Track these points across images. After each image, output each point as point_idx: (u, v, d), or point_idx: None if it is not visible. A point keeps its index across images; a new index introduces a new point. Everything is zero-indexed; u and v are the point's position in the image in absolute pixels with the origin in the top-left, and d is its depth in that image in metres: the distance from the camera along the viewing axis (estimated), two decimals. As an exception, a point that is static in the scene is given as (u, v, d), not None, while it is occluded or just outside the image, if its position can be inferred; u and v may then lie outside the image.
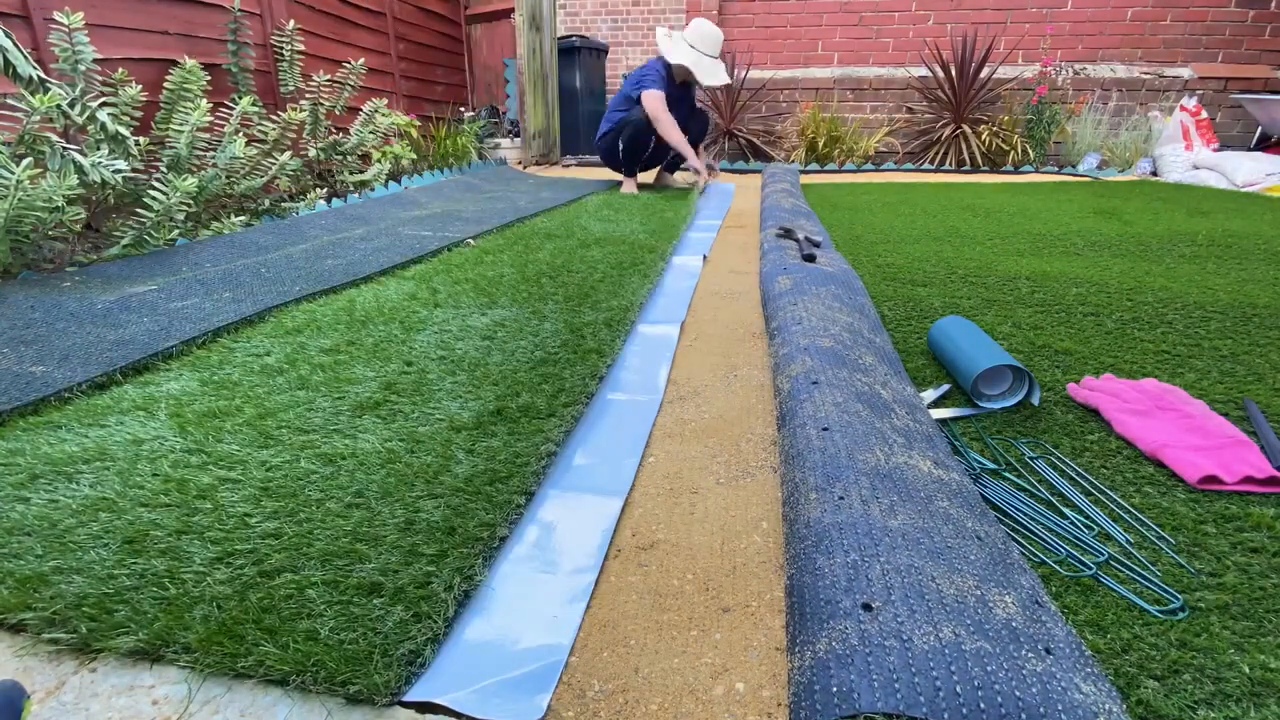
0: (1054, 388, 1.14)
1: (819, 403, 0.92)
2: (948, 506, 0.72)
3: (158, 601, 0.64)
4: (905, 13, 5.49)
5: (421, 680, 0.58)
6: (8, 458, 0.91)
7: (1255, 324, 1.45)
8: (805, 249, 1.94)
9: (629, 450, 0.99)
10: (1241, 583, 0.67)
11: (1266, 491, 0.83)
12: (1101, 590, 0.67)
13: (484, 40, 5.84)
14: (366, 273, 1.86)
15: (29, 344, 1.30)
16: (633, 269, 1.92)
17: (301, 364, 1.23)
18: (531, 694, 0.57)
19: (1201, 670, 0.56)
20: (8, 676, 0.59)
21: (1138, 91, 5.20)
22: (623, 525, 0.81)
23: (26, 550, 0.71)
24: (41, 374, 1.16)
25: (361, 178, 3.43)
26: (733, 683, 0.58)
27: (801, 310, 1.32)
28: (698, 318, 1.61)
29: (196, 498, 0.82)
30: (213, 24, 2.86)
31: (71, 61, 2.09)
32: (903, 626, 0.52)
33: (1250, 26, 5.09)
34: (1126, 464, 0.90)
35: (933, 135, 5.21)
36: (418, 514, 0.78)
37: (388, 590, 0.66)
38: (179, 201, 2.08)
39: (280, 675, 0.57)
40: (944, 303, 1.62)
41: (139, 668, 0.60)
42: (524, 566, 0.74)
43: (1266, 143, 4.74)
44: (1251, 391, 1.11)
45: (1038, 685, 0.48)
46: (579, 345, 1.33)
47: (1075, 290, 1.72)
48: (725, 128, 5.46)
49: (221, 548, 0.72)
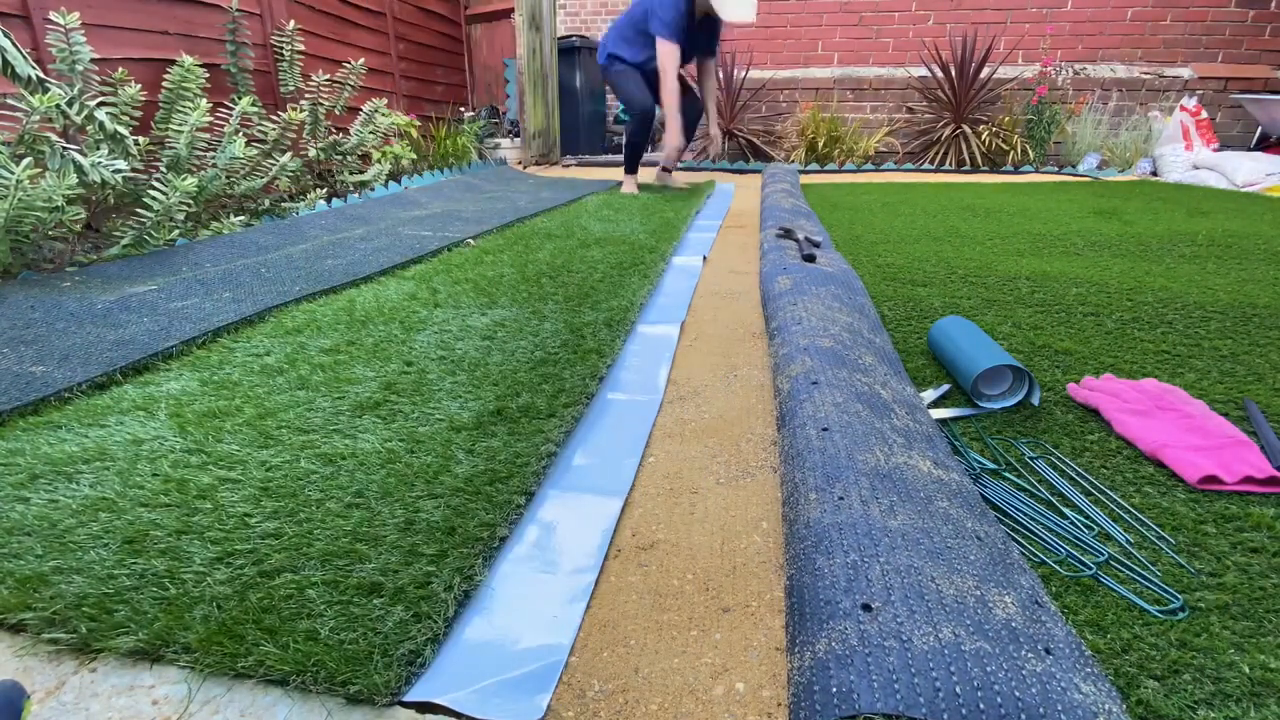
0: (1054, 388, 1.14)
1: (819, 403, 0.92)
2: (947, 507, 0.72)
3: (158, 601, 0.64)
4: (905, 13, 5.49)
5: (421, 680, 0.58)
6: (8, 458, 0.91)
7: (1255, 324, 1.45)
8: (805, 249, 1.94)
9: (629, 450, 0.99)
10: (1241, 583, 0.67)
11: (1266, 491, 0.83)
12: (1101, 590, 0.67)
13: (484, 40, 5.84)
14: (366, 273, 1.86)
15: (29, 344, 1.30)
16: (633, 269, 1.92)
17: (301, 364, 1.23)
18: (531, 694, 0.57)
19: (1201, 670, 0.56)
20: (8, 676, 0.59)
21: (1138, 91, 5.20)
22: (623, 525, 0.81)
23: (26, 550, 0.71)
24: (41, 374, 1.16)
25: (361, 178, 3.43)
26: (733, 683, 0.58)
27: (801, 310, 1.32)
28: (698, 318, 1.61)
29: (196, 498, 0.82)
30: (212, 24, 2.85)
31: (69, 61, 2.09)
32: (902, 627, 0.52)
33: (1250, 26, 5.09)
34: (1126, 464, 0.90)
35: (933, 135, 5.21)
36: (418, 514, 0.78)
37: (387, 590, 0.66)
38: (179, 201, 2.08)
39: (280, 675, 0.57)
40: (944, 303, 1.62)
41: (139, 668, 0.60)
42: (524, 566, 0.74)
43: (1266, 143, 4.73)
44: (1251, 391, 1.11)
45: (1037, 685, 0.48)
46: (579, 345, 1.32)
47: (1075, 290, 1.72)
48: (725, 128, 5.46)
49: (221, 548, 0.72)
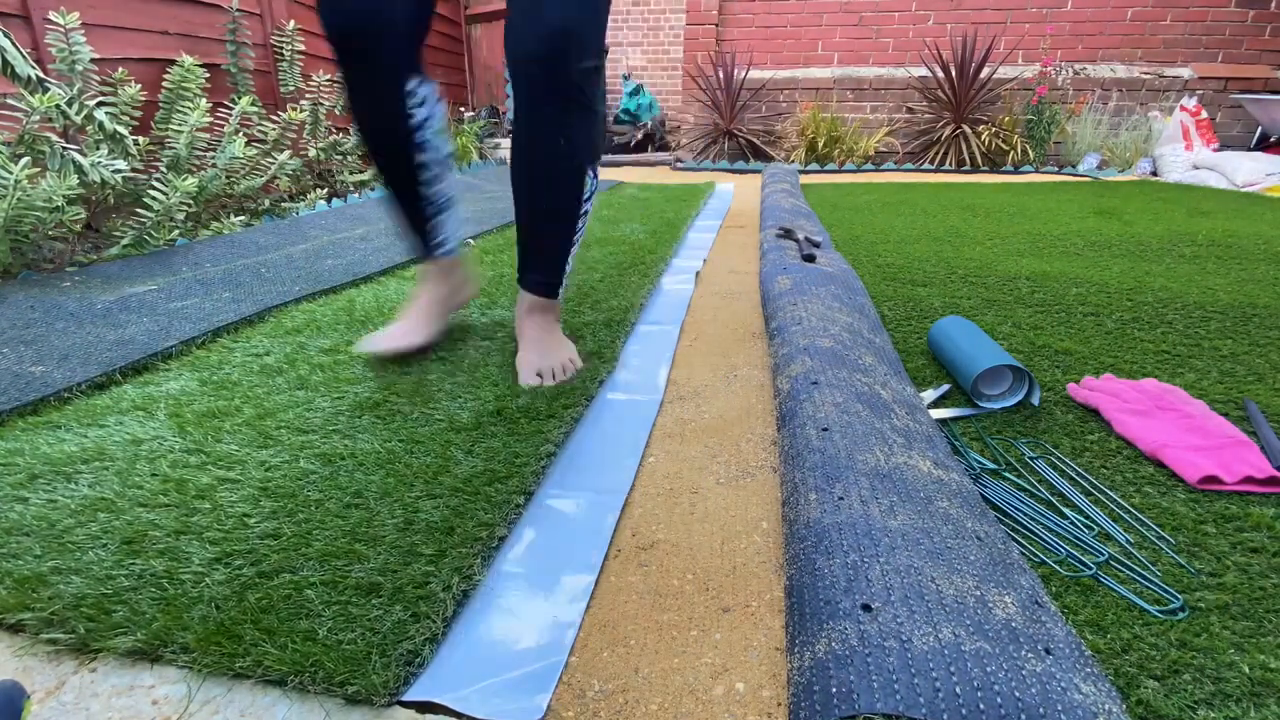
0: (1054, 388, 1.14)
1: (819, 403, 0.92)
2: (947, 507, 0.71)
3: (157, 602, 0.64)
4: (905, 13, 5.49)
5: (420, 680, 0.58)
6: (7, 458, 0.91)
7: (1255, 324, 1.45)
8: (805, 249, 1.94)
9: (629, 450, 0.98)
10: (1241, 583, 0.67)
11: (1266, 491, 0.83)
12: (1101, 590, 0.67)
13: (484, 40, 5.84)
14: (366, 272, 1.86)
15: (29, 344, 1.30)
16: (632, 269, 1.92)
17: (301, 364, 1.23)
18: (531, 694, 0.57)
19: (1201, 670, 0.56)
20: (7, 676, 0.59)
21: (1138, 91, 5.20)
22: (623, 525, 0.81)
23: (25, 550, 0.71)
24: (41, 374, 1.16)
25: (361, 178, 3.43)
26: (733, 683, 0.58)
27: (801, 310, 1.32)
28: (698, 318, 1.61)
29: (195, 498, 0.82)
30: (212, 24, 2.85)
31: (69, 61, 2.09)
32: (902, 627, 0.52)
33: (1250, 26, 5.09)
34: (1126, 464, 0.90)
35: (933, 135, 5.21)
36: (416, 514, 0.78)
37: (386, 590, 0.66)
38: (179, 201, 2.08)
39: (279, 675, 0.57)
40: (944, 303, 1.62)
41: (139, 668, 0.60)
42: (523, 566, 0.74)
43: (1266, 143, 4.73)
44: (1251, 391, 1.11)
45: (1037, 686, 0.48)
46: (578, 345, 1.32)
47: (1075, 290, 1.72)
48: (725, 128, 5.46)
49: (220, 548, 0.72)
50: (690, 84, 5.83)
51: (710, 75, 5.52)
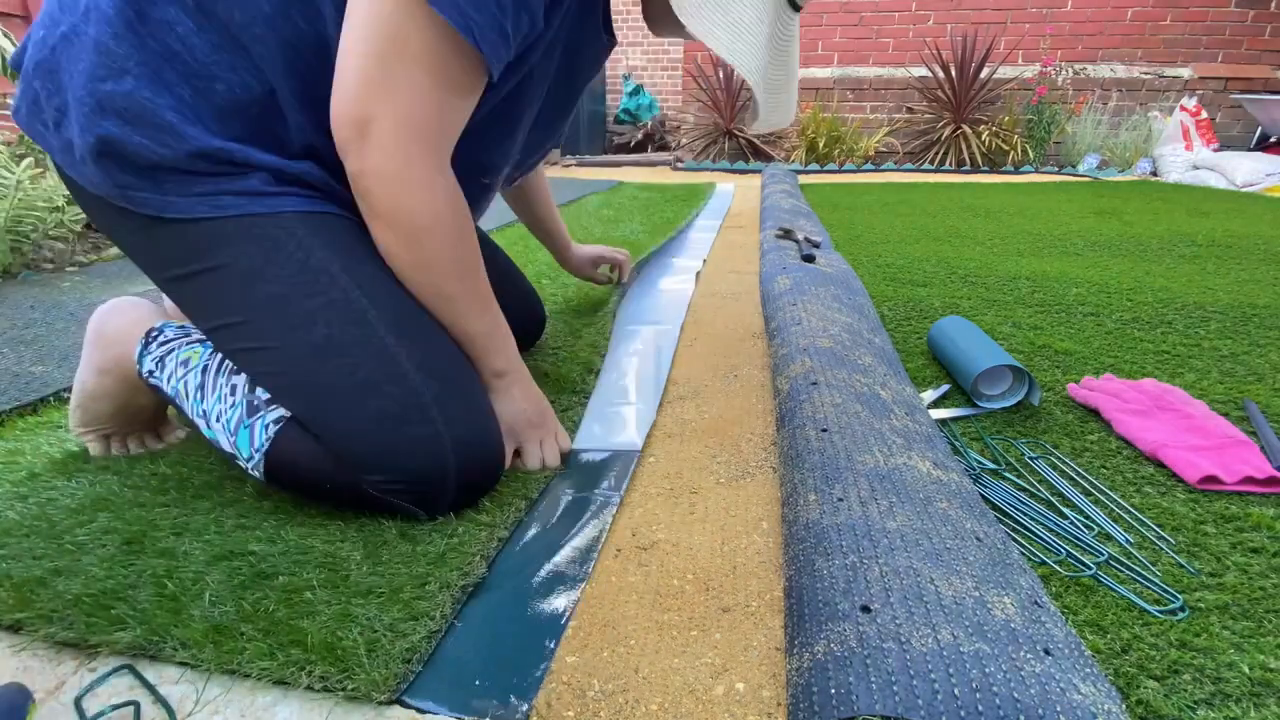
0: (1054, 388, 1.14)
1: (818, 404, 0.92)
2: (947, 507, 0.72)
3: (156, 601, 0.64)
4: (905, 13, 5.49)
5: (419, 679, 0.58)
6: (7, 458, 0.91)
7: (1255, 324, 1.45)
8: (805, 249, 1.93)
9: (629, 450, 0.98)
10: (1241, 583, 0.67)
11: (1266, 491, 0.83)
12: (1101, 590, 0.67)
13: (484, 40, 5.83)
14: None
15: (29, 344, 1.30)
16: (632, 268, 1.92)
17: (301, 364, 1.23)
18: (530, 693, 0.57)
19: (1201, 670, 0.56)
20: (7, 676, 0.59)
21: (1138, 91, 5.20)
22: (622, 525, 0.81)
23: (25, 551, 0.71)
24: (41, 374, 1.16)
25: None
26: (733, 682, 0.58)
27: (801, 311, 1.32)
28: (698, 318, 1.61)
29: (195, 497, 0.82)
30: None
31: (71, 61, 2.09)
32: (901, 629, 0.52)
33: (1250, 26, 5.09)
34: (1126, 464, 0.90)
35: (933, 135, 5.21)
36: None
37: (384, 590, 0.66)
38: (179, 201, 2.08)
39: (278, 675, 0.57)
40: (944, 303, 1.62)
41: (139, 667, 0.60)
42: (522, 566, 0.74)
43: (1266, 143, 4.73)
44: (1251, 391, 1.11)
45: (1036, 686, 0.48)
46: (578, 345, 1.32)
47: (1075, 290, 1.72)
48: (725, 128, 5.46)
49: (220, 548, 0.72)
50: (690, 84, 5.83)
51: (710, 75, 5.53)
